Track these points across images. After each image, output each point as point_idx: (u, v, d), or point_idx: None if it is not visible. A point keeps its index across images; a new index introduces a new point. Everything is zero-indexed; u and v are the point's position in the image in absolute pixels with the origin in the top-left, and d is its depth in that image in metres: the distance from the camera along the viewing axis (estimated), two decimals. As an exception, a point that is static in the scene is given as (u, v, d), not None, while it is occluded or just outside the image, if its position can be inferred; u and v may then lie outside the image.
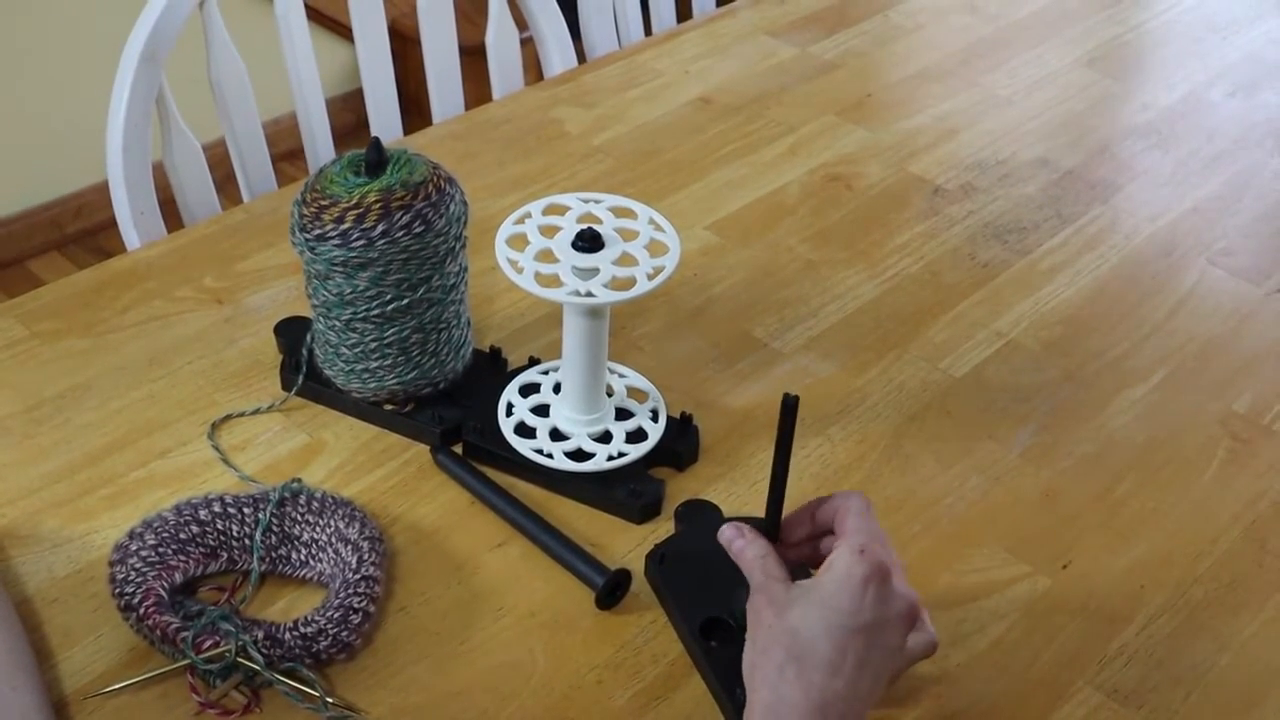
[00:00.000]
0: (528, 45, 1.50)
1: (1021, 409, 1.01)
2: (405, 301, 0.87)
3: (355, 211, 0.84)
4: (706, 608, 0.82)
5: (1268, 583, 0.89)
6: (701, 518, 0.88)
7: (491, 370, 0.98)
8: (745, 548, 0.76)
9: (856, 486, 0.93)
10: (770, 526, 0.77)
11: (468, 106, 1.44)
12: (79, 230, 2.59)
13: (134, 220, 1.20)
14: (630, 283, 0.83)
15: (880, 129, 1.36)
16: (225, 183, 1.32)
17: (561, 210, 0.88)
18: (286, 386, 0.98)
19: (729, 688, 0.77)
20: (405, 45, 2.10)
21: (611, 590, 0.84)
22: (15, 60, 2.41)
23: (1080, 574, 0.88)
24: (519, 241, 0.85)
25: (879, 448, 0.97)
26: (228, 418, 0.97)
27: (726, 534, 0.77)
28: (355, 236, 0.84)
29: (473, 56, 1.50)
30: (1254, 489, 0.96)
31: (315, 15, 2.63)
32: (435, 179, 0.87)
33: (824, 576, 0.71)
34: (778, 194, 1.25)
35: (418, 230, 0.84)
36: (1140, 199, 1.27)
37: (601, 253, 0.83)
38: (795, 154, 1.31)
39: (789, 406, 0.73)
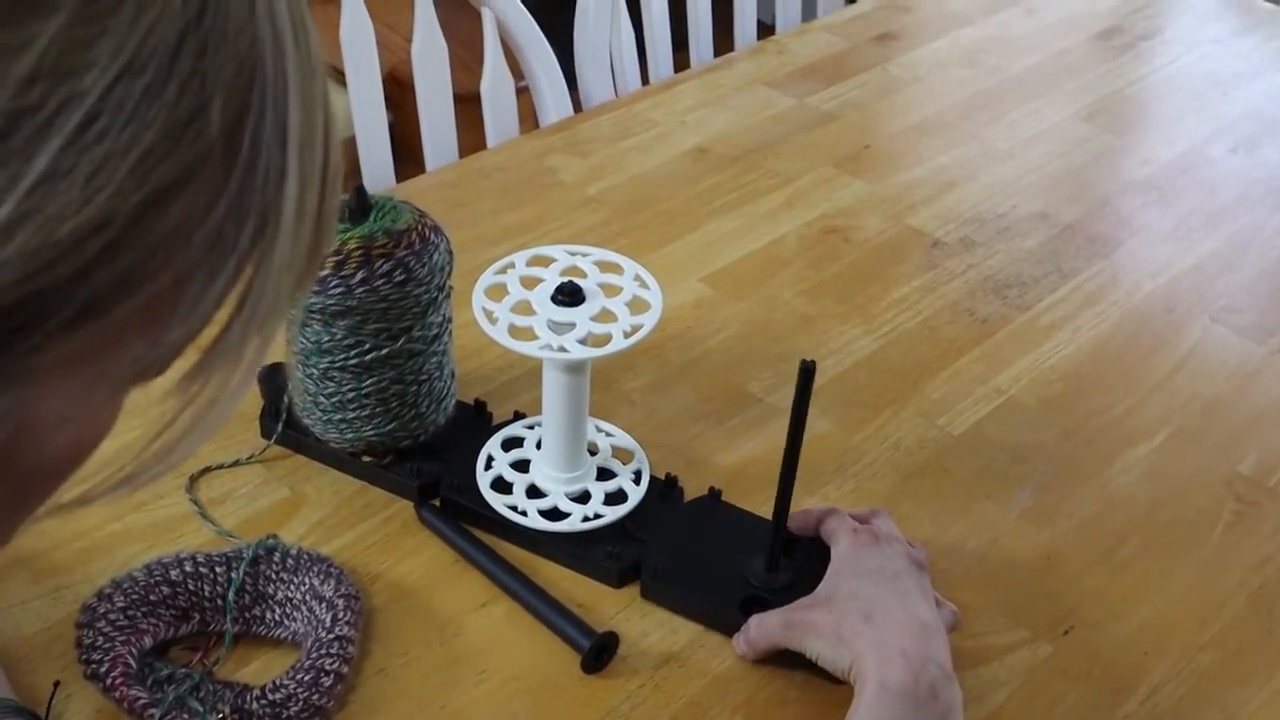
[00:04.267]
0: (524, 95, 1.49)
1: (1021, 468, 0.99)
2: (384, 351, 0.85)
3: (335, 258, 0.82)
4: (730, 591, 0.84)
5: (1276, 651, 0.86)
6: (658, 521, 0.89)
7: (475, 424, 0.96)
8: (755, 628, 0.82)
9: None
10: (780, 506, 0.82)
11: (464, 155, 1.42)
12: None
13: (118, 267, 1.18)
14: (607, 339, 0.81)
15: (878, 181, 1.34)
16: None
17: (546, 262, 0.86)
18: (266, 435, 0.95)
19: None
20: (403, 91, 2.09)
21: (598, 653, 0.81)
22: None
23: (1082, 640, 0.86)
24: (498, 292, 0.83)
25: (875, 507, 0.94)
26: (206, 470, 0.94)
27: (740, 648, 0.83)
28: (334, 284, 0.82)
29: (470, 104, 1.49)
30: (1261, 552, 0.93)
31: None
32: (420, 227, 0.85)
33: (838, 560, 0.82)
34: (774, 246, 1.23)
35: (398, 279, 0.82)
36: (1141, 255, 1.25)
37: (580, 307, 0.81)
38: (792, 206, 1.30)
39: (806, 373, 0.77)
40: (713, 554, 0.87)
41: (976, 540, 0.92)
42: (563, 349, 0.79)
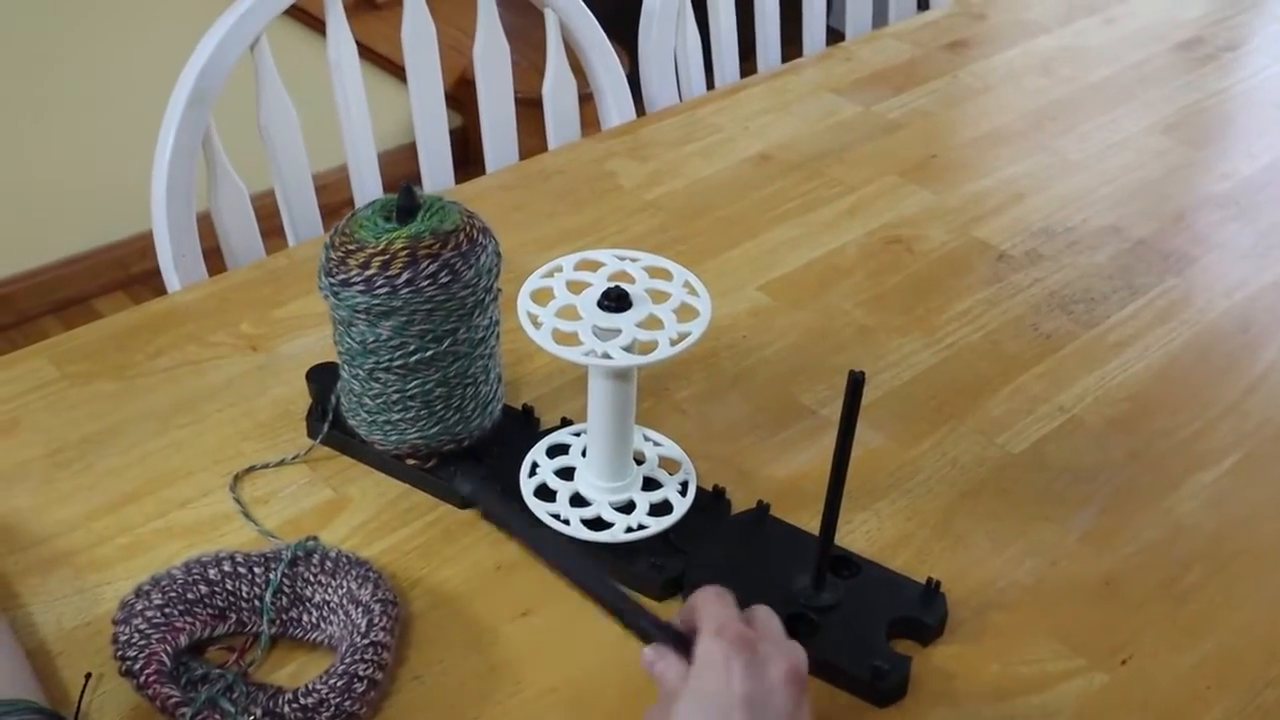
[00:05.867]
0: (589, 102, 1.47)
1: (1083, 490, 0.95)
2: (429, 353, 0.84)
3: (381, 258, 0.81)
4: (775, 609, 0.79)
5: (1347, 689, 0.82)
6: (703, 534, 0.87)
7: (522, 429, 0.94)
8: (664, 670, 0.70)
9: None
10: (828, 521, 0.78)
11: (525, 159, 1.41)
12: (143, 270, 2.61)
13: (175, 263, 1.18)
14: (653, 347, 0.79)
15: (944, 191, 1.31)
16: (277, 234, 1.30)
17: (594, 266, 0.84)
18: (313, 434, 0.95)
19: (848, 666, 0.79)
20: (472, 95, 2.09)
21: None
22: (86, 102, 2.44)
23: (1141, 671, 0.82)
24: (544, 296, 0.82)
25: (929, 525, 0.92)
26: (251, 469, 0.94)
27: (647, 656, 0.72)
28: (379, 283, 0.80)
29: (534, 108, 1.48)
30: (1333, 585, 0.89)
31: (383, 63, 2.65)
32: (468, 228, 0.84)
33: (691, 671, 0.67)
34: (834, 255, 1.21)
35: (444, 280, 0.81)
36: (1217, 272, 1.21)
37: (627, 313, 0.79)
38: (854, 215, 1.27)
39: (855, 384, 0.71)
40: (758, 570, 0.84)
41: (1034, 562, 0.89)
42: (607, 355, 0.78)
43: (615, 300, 0.79)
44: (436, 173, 1.40)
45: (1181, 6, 1.75)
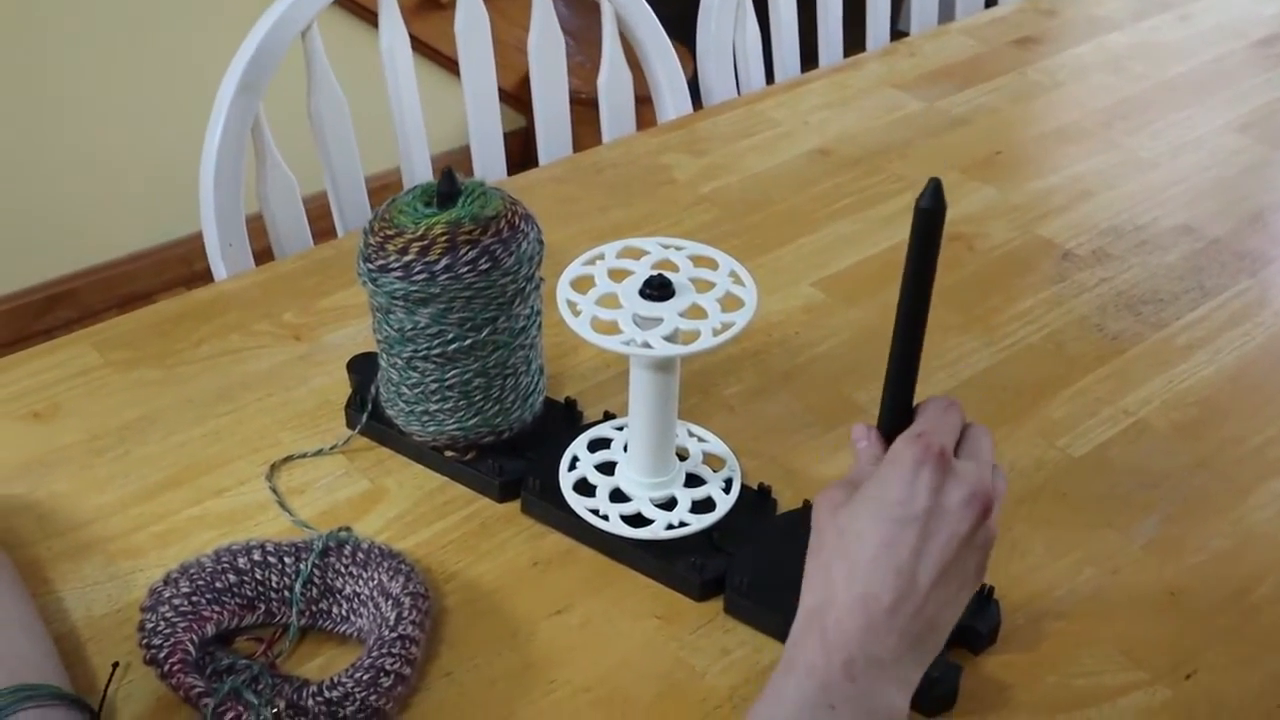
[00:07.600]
0: (647, 104, 1.44)
1: (1147, 496, 0.91)
2: (468, 342, 0.81)
3: (420, 244, 0.79)
4: None
5: None
6: (747, 532, 0.83)
7: (564, 423, 0.92)
8: (863, 450, 0.71)
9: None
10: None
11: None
12: (206, 267, 2.62)
13: (222, 252, 1.17)
14: (695, 337, 0.76)
15: (1009, 188, 1.27)
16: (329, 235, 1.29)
17: (638, 254, 0.81)
18: (351, 425, 0.93)
19: None
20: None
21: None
22: (152, 100, 2.45)
23: (1206, 686, 0.78)
24: (584, 283, 0.79)
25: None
26: (288, 458, 0.92)
27: (857, 430, 0.72)
28: (417, 269, 0.78)
29: (594, 110, 1.45)
30: None
31: (446, 62, 2.64)
32: (509, 215, 0.81)
33: (879, 470, 0.66)
34: (892, 252, 1.17)
35: (484, 267, 0.79)
36: (1294, 273, 1.16)
37: (669, 302, 0.76)
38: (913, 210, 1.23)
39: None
40: (803, 571, 0.81)
41: (1094, 570, 0.85)
42: (647, 345, 0.75)
43: (657, 288, 0.76)
44: (490, 168, 1.38)
45: (1261, 2, 1.69)
